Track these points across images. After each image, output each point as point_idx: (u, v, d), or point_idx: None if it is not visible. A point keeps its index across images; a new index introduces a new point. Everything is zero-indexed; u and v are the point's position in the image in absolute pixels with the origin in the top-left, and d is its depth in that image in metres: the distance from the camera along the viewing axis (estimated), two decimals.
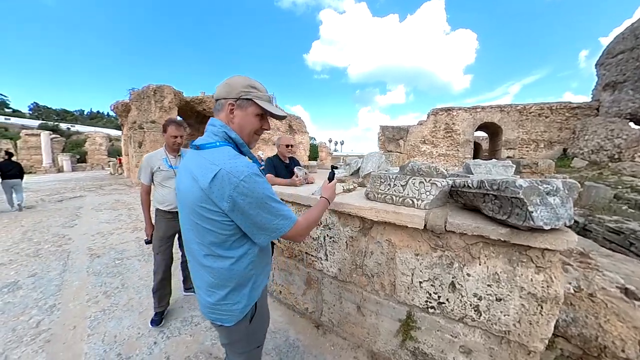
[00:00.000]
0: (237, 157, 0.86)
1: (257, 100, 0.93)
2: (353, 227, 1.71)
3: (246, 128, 0.95)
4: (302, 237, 0.96)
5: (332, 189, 1.26)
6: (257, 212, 0.83)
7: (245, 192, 0.80)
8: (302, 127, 17.31)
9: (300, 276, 2.19)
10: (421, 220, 1.31)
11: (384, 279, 1.56)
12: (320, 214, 1.07)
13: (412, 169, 1.56)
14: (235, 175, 0.80)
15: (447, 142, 14.06)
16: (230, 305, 0.93)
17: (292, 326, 2.13)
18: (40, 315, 2.43)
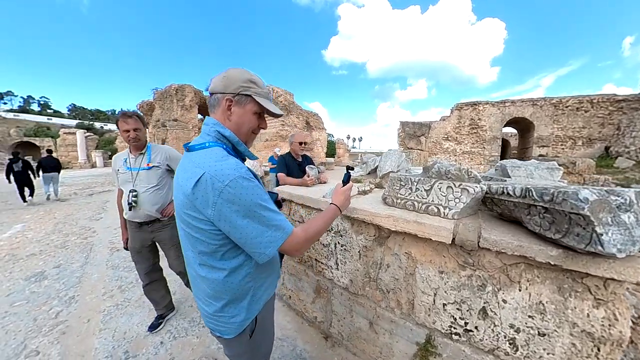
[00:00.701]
0: (225, 159, 0.77)
1: (256, 97, 0.84)
2: (367, 236, 1.54)
3: (244, 126, 0.87)
4: (299, 251, 0.84)
5: (346, 194, 1.13)
6: (245, 222, 0.73)
7: (231, 198, 0.71)
8: (319, 123, 17.11)
9: (310, 283, 2.06)
10: (449, 233, 1.12)
11: (401, 296, 1.38)
12: (327, 224, 0.95)
13: (439, 171, 1.35)
14: (220, 180, 0.71)
15: (472, 138, 13.24)
16: (227, 317, 0.88)
17: (300, 335, 2.01)
18: (59, 307, 2.50)
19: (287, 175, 2.78)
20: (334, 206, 1.05)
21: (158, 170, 1.96)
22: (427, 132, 13.87)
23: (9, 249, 3.93)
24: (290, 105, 11.45)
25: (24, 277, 3.04)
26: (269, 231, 0.75)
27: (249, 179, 0.74)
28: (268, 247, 0.76)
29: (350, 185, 1.19)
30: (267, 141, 11.68)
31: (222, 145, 0.83)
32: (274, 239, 0.76)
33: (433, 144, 13.85)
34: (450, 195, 1.27)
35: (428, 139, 13.86)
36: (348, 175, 1.23)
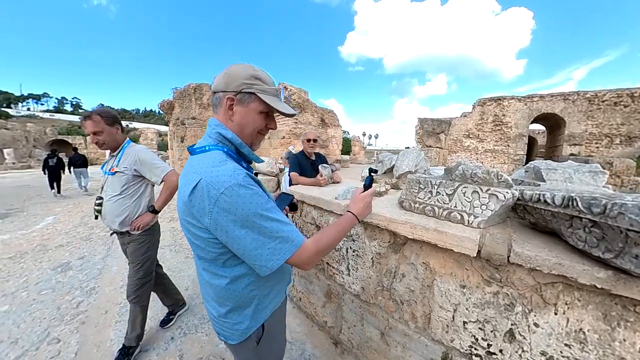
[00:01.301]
0: (223, 163, 0.72)
1: (261, 94, 0.77)
2: (382, 242, 1.45)
3: (248, 127, 0.80)
4: (310, 265, 0.77)
5: (366, 201, 1.05)
6: (244, 232, 0.68)
7: (227, 207, 0.66)
8: (334, 120, 16.92)
9: (321, 287, 1.99)
10: (474, 244, 1.00)
11: (416, 309, 1.28)
12: (342, 234, 0.88)
13: (463, 174, 1.22)
14: (215, 188, 0.67)
15: (495, 136, 12.54)
16: (231, 323, 0.86)
17: (310, 339, 1.96)
18: (81, 297, 2.62)
19: (300, 174, 2.71)
20: (351, 215, 0.97)
21: (122, 177, 1.68)
22: (446, 129, 13.31)
23: (40, 239, 4.19)
24: (305, 103, 11.39)
25: (52, 267, 3.21)
26: (271, 243, 0.69)
27: (247, 186, 0.68)
28: (270, 260, 0.70)
29: (372, 191, 1.09)
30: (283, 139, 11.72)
31: (224, 149, 0.78)
32: (278, 251, 0.70)
33: (453, 142, 13.27)
34: (476, 201, 1.14)
35: (448, 137, 13.30)
36: (370, 178, 1.12)
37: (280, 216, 0.73)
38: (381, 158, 3.77)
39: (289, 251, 0.71)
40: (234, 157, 0.81)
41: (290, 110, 0.84)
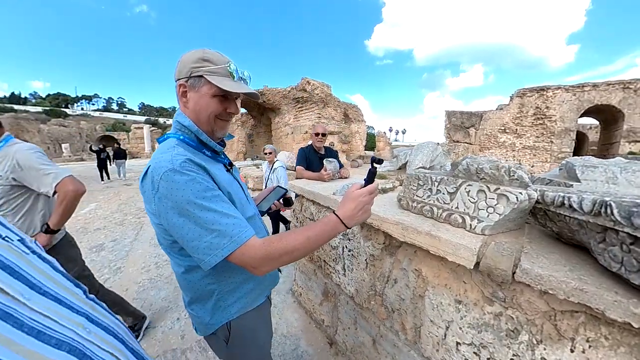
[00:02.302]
0: (170, 150, 0.69)
1: (208, 76, 0.71)
2: (376, 243, 1.29)
3: (202, 113, 0.75)
4: (257, 269, 0.66)
5: (359, 202, 0.73)
6: (182, 221, 0.64)
7: (165, 193, 0.64)
8: (358, 115, 16.46)
9: (318, 284, 1.89)
10: (471, 254, 0.82)
11: (406, 319, 1.12)
12: (316, 240, 0.69)
13: (468, 169, 1.01)
14: (157, 173, 0.64)
15: (536, 131, 11.15)
16: (195, 315, 0.84)
17: (305, 335, 1.88)
18: (108, 275, 2.82)
19: (307, 168, 2.61)
20: (335, 218, 0.72)
21: None
22: (478, 123, 12.12)
23: (83, 223, 4.65)
24: (328, 98, 11.12)
25: (89, 247, 3.52)
26: (208, 236, 0.62)
27: (183, 172, 0.64)
28: (207, 255, 0.63)
29: (370, 189, 0.75)
30: (305, 133, 11.66)
31: (179, 136, 0.76)
32: (215, 246, 0.62)
33: (486, 137, 12.06)
34: (482, 202, 0.94)
35: (480, 131, 12.12)
36: (371, 172, 0.80)
37: (222, 207, 0.66)
38: (396, 153, 3.51)
39: (227, 248, 0.62)
40: (193, 145, 0.77)
41: (242, 88, 0.74)
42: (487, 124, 12.00)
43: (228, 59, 0.74)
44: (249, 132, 16.99)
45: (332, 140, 11.14)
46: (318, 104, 10.98)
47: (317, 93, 10.67)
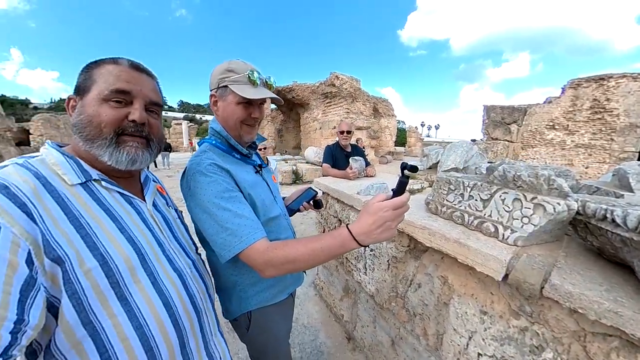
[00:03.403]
0: (201, 154, 0.81)
1: (231, 85, 0.79)
2: (400, 246, 1.31)
3: (229, 120, 0.85)
4: (262, 272, 0.70)
5: (381, 216, 0.63)
6: (204, 217, 0.74)
7: (193, 191, 0.76)
8: (389, 110, 15.99)
9: (340, 280, 1.96)
10: (501, 266, 0.81)
11: (429, 325, 1.13)
12: (322, 254, 0.66)
13: (504, 176, 0.99)
14: (190, 174, 0.78)
15: (592, 127, 9.75)
16: (220, 300, 0.94)
17: (325, 327, 1.97)
18: None
19: (333, 166, 2.66)
20: (347, 234, 0.64)
21: None
22: (521, 119, 10.97)
23: None
24: (357, 92, 10.95)
25: None
26: (223, 233, 0.71)
27: (206, 174, 0.75)
28: (223, 250, 0.72)
29: (395, 202, 0.63)
30: (334, 129, 11.68)
31: (212, 141, 0.87)
32: (228, 244, 0.71)
33: (530, 134, 10.89)
34: (518, 211, 0.92)
35: (523, 128, 11.00)
36: (401, 182, 0.66)
37: (237, 207, 0.73)
38: (427, 151, 3.41)
39: (237, 248, 0.70)
40: (224, 149, 0.87)
41: (262, 94, 0.80)
42: (532, 120, 10.82)
43: (251, 66, 0.81)
44: (279, 127, 17.45)
45: (359, 136, 11.02)
46: (347, 98, 10.89)
47: (345, 88, 10.58)
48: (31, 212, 0.44)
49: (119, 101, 0.57)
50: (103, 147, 0.56)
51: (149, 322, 0.54)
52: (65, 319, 0.45)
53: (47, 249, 0.44)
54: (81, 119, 0.55)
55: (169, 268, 0.62)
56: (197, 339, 0.66)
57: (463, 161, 2.62)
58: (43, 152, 0.55)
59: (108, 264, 0.50)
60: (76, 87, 0.58)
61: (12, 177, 0.45)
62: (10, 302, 0.38)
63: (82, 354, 0.47)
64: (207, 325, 0.71)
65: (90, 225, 0.50)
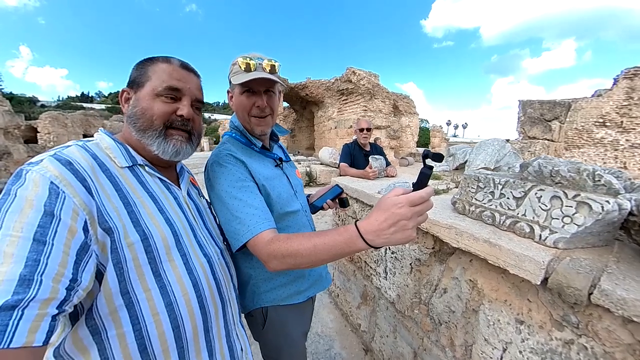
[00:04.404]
0: (220, 146, 0.89)
1: (232, 77, 0.84)
2: (423, 248, 1.28)
3: (239, 112, 0.91)
4: (267, 264, 0.70)
5: (396, 213, 0.55)
6: (219, 205, 0.79)
7: (211, 182, 0.83)
8: (410, 107, 15.70)
9: (357, 286, 1.93)
10: (539, 268, 0.77)
11: (456, 335, 1.09)
12: (326, 252, 0.63)
13: (540, 171, 0.94)
14: (209, 164, 0.85)
15: None
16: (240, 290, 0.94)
17: (340, 337, 1.95)
18: None
19: (351, 166, 2.65)
20: (354, 230, 0.59)
21: None
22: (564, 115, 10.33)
23: None
24: (375, 88, 10.84)
25: None
26: (234, 222, 0.75)
27: (221, 164, 0.81)
28: (233, 239, 0.76)
29: (413, 197, 0.55)
30: (350, 128, 11.63)
31: (232, 134, 0.94)
32: (237, 232, 0.74)
33: (576, 133, 10.23)
34: (557, 210, 0.87)
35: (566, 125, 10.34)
36: (423, 173, 0.59)
37: (248, 197, 0.77)
38: (453, 151, 3.31)
39: (245, 236, 0.72)
40: (243, 141, 0.93)
41: (251, 76, 0.80)
42: (577, 116, 10.18)
43: (249, 55, 0.83)
44: (291, 126, 17.66)
45: (377, 136, 10.91)
46: (364, 95, 10.81)
47: (363, 84, 10.52)
48: (89, 186, 0.51)
49: (170, 97, 0.66)
50: (153, 137, 0.65)
51: (179, 300, 0.59)
52: (108, 285, 0.51)
53: (101, 219, 0.51)
54: (135, 111, 0.64)
55: (200, 252, 0.68)
56: (219, 326, 0.70)
57: (494, 161, 2.53)
58: (97, 137, 0.65)
59: (148, 239, 0.56)
60: (130, 81, 0.67)
61: (75, 155, 0.54)
62: (68, 262, 0.45)
63: (117, 322, 0.52)
64: (230, 315, 0.75)
65: (135, 203, 0.58)
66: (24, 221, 0.42)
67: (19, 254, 0.40)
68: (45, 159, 0.50)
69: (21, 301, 0.38)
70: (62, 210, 0.46)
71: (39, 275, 0.40)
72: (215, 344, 0.68)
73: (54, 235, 0.43)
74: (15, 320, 0.37)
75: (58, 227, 0.44)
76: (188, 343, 0.61)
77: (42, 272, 0.40)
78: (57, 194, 0.46)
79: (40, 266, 0.41)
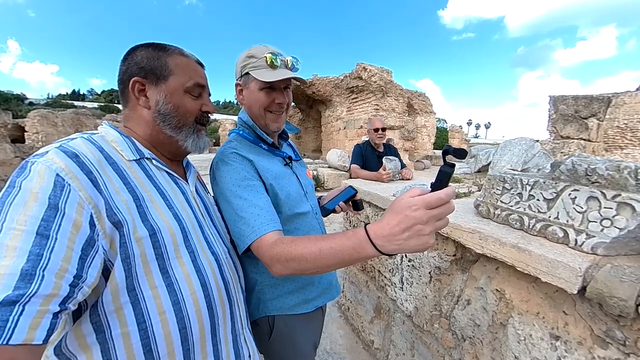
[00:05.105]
0: (226, 144, 0.91)
1: (252, 71, 0.85)
2: (444, 254, 1.26)
3: (253, 107, 0.92)
4: (270, 268, 0.70)
5: (406, 215, 0.52)
6: (224, 205, 0.81)
7: (216, 180, 0.85)
8: (426, 106, 15.63)
9: (370, 298, 1.91)
10: (574, 276, 0.75)
11: (482, 352, 1.06)
12: (332, 256, 0.61)
13: (574, 169, 0.92)
14: (214, 162, 0.87)
15: None
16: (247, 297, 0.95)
17: (350, 355, 1.92)
18: None
19: (363, 167, 2.65)
20: (363, 234, 0.57)
21: None
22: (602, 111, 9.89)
23: None
24: (388, 85, 10.83)
25: None
26: (239, 222, 0.76)
27: (227, 162, 0.83)
28: (238, 240, 0.77)
29: (431, 198, 0.51)
30: (360, 128, 11.65)
31: (239, 131, 0.96)
32: (242, 233, 0.75)
33: (618, 131, 9.68)
34: (594, 212, 0.85)
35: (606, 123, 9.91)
36: (443, 171, 0.55)
37: (253, 197, 0.78)
38: (475, 152, 3.28)
39: (249, 238, 0.73)
40: (251, 139, 0.94)
41: (280, 75, 0.83)
42: (619, 112, 9.68)
43: (271, 48, 0.85)
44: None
45: (390, 136, 10.87)
46: (376, 93, 10.83)
47: (374, 80, 10.55)
48: (96, 179, 0.53)
49: (196, 94, 0.71)
50: (188, 134, 0.70)
51: (186, 299, 0.61)
52: (115, 281, 0.53)
53: (109, 212, 0.53)
54: (168, 107, 0.67)
55: (208, 251, 0.70)
56: (226, 330, 0.71)
57: (521, 162, 2.49)
58: (102, 130, 0.67)
59: (156, 235, 0.58)
60: (143, 68, 0.66)
61: (82, 148, 0.55)
62: (72, 257, 0.46)
63: (122, 320, 0.54)
64: (238, 318, 0.76)
65: (143, 197, 0.60)
66: (27, 214, 0.44)
67: (22, 247, 0.42)
68: (51, 150, 0.52)
69: (22, 296, 0.39)
70: (67, 204, 0.47)
71: (41, 270, 0.41)
72: (222, 349, 0.69)
73: (57, 229, 0.45)
74: (15, 316, 0.38)
75: (62, 221, 0.46)
76: (194, 346, 0.62)
77: (45, 267, 0.42)
78: (62, 187, 0.48)
79: (43, 261, 0.42)
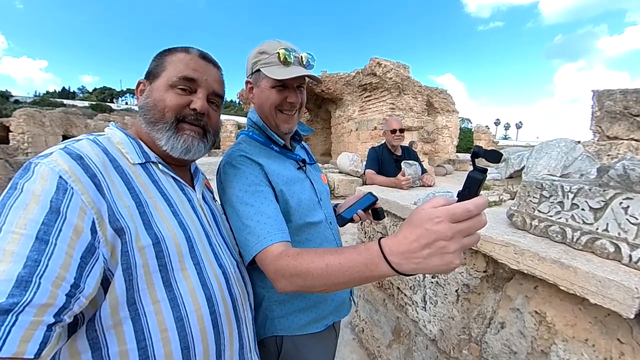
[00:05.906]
0: (234, 146, 0.93)
1: (263, 68, 0.87)
2: (473, 270, 1.23)
3: (264, 106, 0.92)
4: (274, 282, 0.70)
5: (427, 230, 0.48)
6: (230, 211, 0.82)
7: (222, 185, 0.86)
8: (447, 104, 15.53)
9: (388, 319, 1.88)
10: (631, 298, 0.71)
11: None
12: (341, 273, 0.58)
13: (626, 175, 0.89)
14: (221, 166, 0.89)
15: None
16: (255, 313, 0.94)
17: None
18: None
19: (380, 172, 2.64)
20: (376, 249, 0.53)
21: None
22: None
23: None
24: (405, 82, 10.78)
25: None
26: (244, 231, 0.76)
27: (234, 166, 0.84)
28: (244, 250, 0.77)
29: (460, 209, 0.47)
30: (374, 129, 11.63)
31: (249, 133, 0.98)
32: (248, 244, 0.75)
33: None
34: None
35: None
36: (471, 178, 0.51)
37: (261, 204, 0.78)
38: (506, 155, 3.22)
39: (255, 248, 0.73)
40: (261, 141, 0.95)
41: (293, 73, 0.84)
42: None
43: (284, 44, 0.87)
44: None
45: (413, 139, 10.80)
46: (391, 91, 10.82)
47: (390, 77, 10.54)
48: (100, 183, 0.55)
49: (184, 89, 0.71)
50: (162, 130, 0.69)
51: (190, 316, 0.61)
52: (115, 293, 0.54)
53: (112, 218, 0.54)
54: (147, 102, 0.70)
55: (215, 263, 0.71)
56: (232, 351, 0.71)
57: (561, 166, 2.44)
58: (108, 132, 0.69)
59: (160, 244, 0.59)
60: (147, 72, 0.74)
61: (87, 150, 0.57)
62: (71, 265, 0.47)
63: (121, 336, 0.54)
64: (245, 339, 0.76)
65: (147, 203, 0.61)
66: (28, 217, 0.45)
67: (20, 252, 0.42)
68: (55, 151, 0.54)
69: (16, 305, 0.39)
70: (69, 208, 0.49)
71: (37, 277, 0.42)
72: None
73: (57, 234, 0.46)
74: (7, 326, 0.38)
75: (63, 226, 0.47)
76: None
77: (42, 274, 0.42)
78: (65, 190, 0.49)
79: (40, 267, 0.43)
